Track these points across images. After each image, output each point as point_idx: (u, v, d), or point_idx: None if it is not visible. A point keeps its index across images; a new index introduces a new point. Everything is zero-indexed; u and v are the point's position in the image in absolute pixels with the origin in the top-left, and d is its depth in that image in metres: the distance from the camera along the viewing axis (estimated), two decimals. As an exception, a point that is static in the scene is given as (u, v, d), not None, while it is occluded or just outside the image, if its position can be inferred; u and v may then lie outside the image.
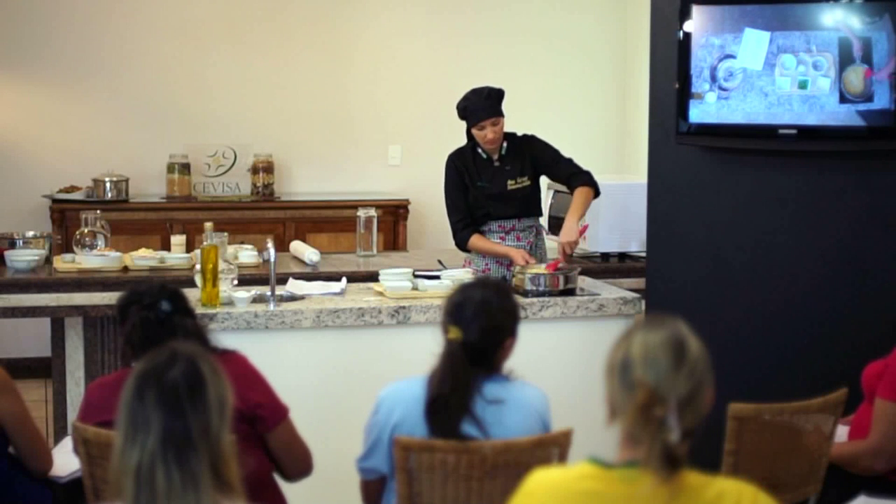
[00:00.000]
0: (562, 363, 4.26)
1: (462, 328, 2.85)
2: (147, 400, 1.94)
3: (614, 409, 2.03)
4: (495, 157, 4.69)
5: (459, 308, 2.87)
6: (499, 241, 4.72)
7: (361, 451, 2.97)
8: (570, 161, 4.73)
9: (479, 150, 4.70)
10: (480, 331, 2.86)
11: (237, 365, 3.05)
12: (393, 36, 7.28)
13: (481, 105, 4.58)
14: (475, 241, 4.70)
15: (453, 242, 4.83)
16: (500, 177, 4.69)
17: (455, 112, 4.69)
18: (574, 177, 4.67)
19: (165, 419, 1.92)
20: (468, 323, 2.85)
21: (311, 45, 7.18)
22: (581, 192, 4.64)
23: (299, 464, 3.13)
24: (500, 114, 4.60)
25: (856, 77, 4.21)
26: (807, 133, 4.32)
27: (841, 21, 4.22)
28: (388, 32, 7.27)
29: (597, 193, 4.69)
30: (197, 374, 1.97)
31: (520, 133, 4.77)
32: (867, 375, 3.47)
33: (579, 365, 4.23)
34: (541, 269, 4.46)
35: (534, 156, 4.71)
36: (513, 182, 4.68)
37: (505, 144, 4.69)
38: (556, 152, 4.75)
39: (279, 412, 3.06)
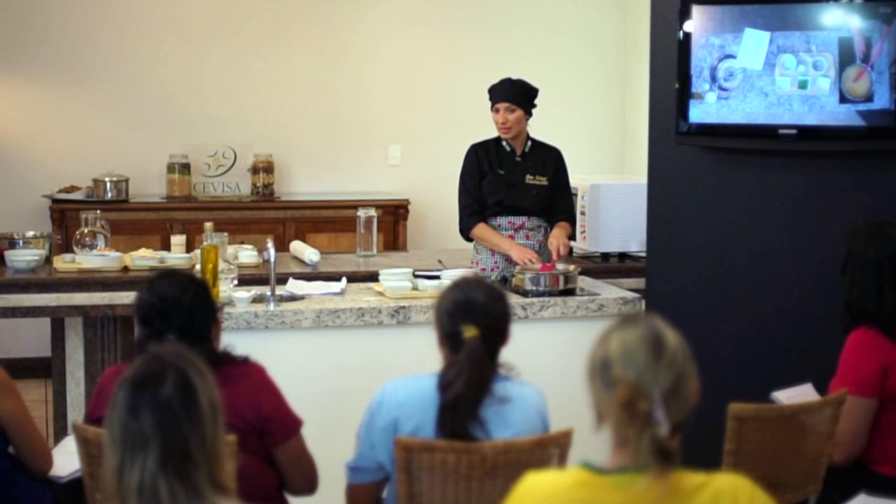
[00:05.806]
0: (562, 363, 4.23)
1: (476, 325, 2.81)
2: (142, 418, 1.90)
3: (601, 412, 2.03)
4: (518, 151, 4.78)
5: (466, 307, 2.83)
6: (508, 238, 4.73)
7: (356, 453, 2.94)
8: (571, 200, 4.92)
9: (504, 143, 4.78)
10: (494, 324, 2.84)
11: (254, 375, 3.01)
12: (393, 36, 7.27)
13: (500, 87, 4.74)
14: (479, 230, 4.72)
15: (454, 238, 4.83)
16: (520, 169, 4.78)
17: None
18: (565, 213, 4.81)
19: (163, 436, 1.89)
20: (479, 319, 2.81)
21: (311, 45, 7.18)
22: (562, 225, 4.76)
23: (305, 481, 3.11)
24: (513, 101, 4.69)
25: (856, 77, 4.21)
26: (807, 133, 4.32)
27: (841, 21, 4.22)
28: (389, 32, 7.27)
29: (570, 237, 4.82)
30: (188, 384, 1.94)
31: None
32: None
33: (579, 365, 4.17)
34: (538, 268, 4.46)
35: (556, 166, 4.82)
36: (531, 177, 4.77)
37: (529, 143, 4.81)
38: (568, 183, 4.91)
39: (290, 427, 3.02)
